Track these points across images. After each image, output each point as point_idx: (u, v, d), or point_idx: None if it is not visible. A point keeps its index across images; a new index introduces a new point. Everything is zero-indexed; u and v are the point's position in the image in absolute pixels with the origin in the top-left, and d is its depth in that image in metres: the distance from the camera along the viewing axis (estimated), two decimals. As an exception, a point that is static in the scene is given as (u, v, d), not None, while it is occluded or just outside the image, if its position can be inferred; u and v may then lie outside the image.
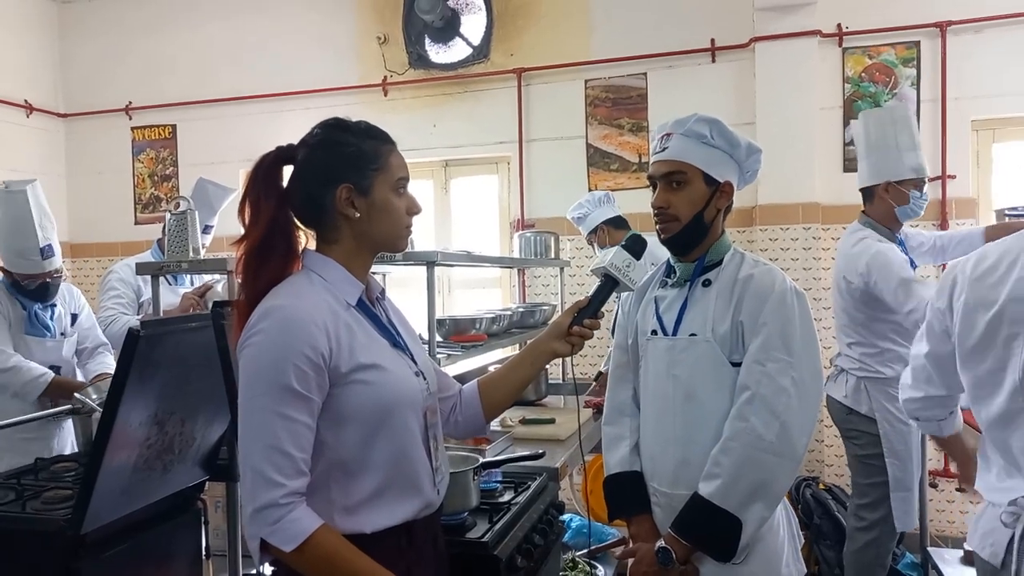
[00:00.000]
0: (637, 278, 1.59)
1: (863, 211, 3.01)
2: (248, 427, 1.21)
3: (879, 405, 2.91)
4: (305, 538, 1.17)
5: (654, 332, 1.75)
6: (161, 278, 2.71)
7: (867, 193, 2.97)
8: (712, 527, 1.57)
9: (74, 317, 2.96)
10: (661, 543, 1.63)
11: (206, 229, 3.36)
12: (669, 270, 1.80)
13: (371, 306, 1.39)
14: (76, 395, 2.31)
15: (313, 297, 1.27)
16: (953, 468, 4.03)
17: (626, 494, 1.78)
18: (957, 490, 4.09)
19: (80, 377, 2.94)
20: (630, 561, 1.72)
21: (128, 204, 5.44)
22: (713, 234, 1.73)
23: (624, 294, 1.91)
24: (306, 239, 1.38)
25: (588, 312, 1.53)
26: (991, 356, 1.50)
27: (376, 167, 1.32)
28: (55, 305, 2.87)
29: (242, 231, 1.33)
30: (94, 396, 2.27)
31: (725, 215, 1.76)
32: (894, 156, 2.83)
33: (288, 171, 1.37)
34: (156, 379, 1.71)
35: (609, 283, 1.59)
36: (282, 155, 1.36)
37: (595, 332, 1.58)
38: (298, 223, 1.36)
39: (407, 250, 1.45)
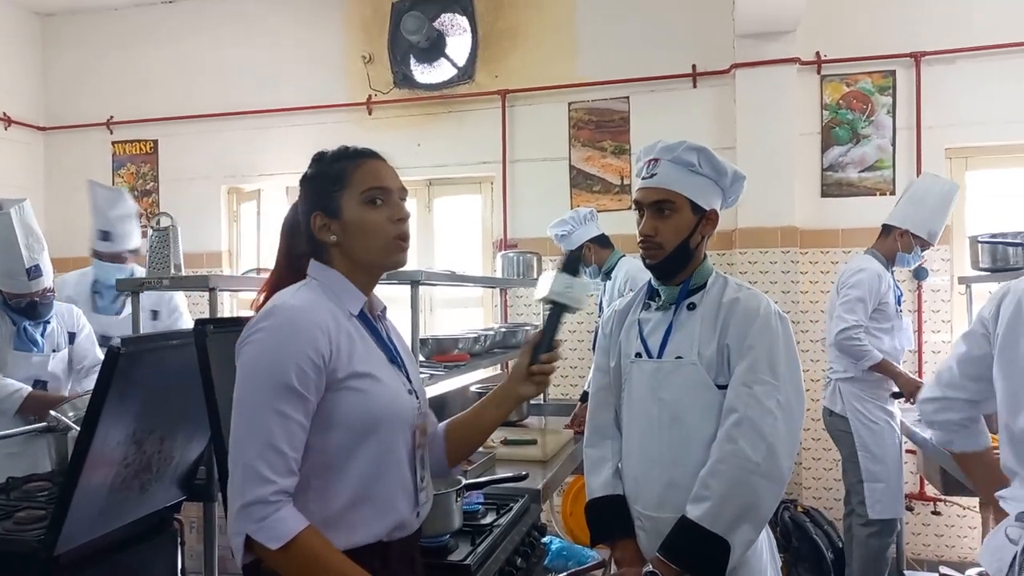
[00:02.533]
0: (580, 297, 1.53)
1: (873, 245, 3.50)
2: (244, 422, 1.21)
3: (850, 405, 3.38)
4: (291, 537, 1.17)
5: (638, 355, 1.75)
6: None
7: (886, 229, 3.46)
8: (701, 550, 1.56)
9: (72, 336, 2.96)
10: (649, 567, 1.62)
11: (105, 236, 3.42)
12: (652, 293, 1.80)
13: (373, 320, 1.40)
14: (52, 412, 2.27)
15: (316, 301, 1.30)
16: (929, 491, 4.08)
17: (609, 518, 1.77)
18: (933, 513, 4.13)
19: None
20: None
21: (107, 219, 5.38)
22: (696, 259, 1.74)
23: (606, 313, 1.93)
24: None
25: (543, 347, 1.49)
26: None
27: (339, 187, 1.34)
28: (48, 322, 2.86)
29: (221, 248, 1.38)
30: (70, 414, 2.24)
31: (708, 240, 1.78)
32: (925, 216, 3.34)
33: None
34: (136, 397, 1.69)
35: (556, 310, 1.52)
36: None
37: (567, 357, 1.58)
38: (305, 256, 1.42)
39: (392, 270, 1.45)
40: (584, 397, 3.75)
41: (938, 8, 4.16)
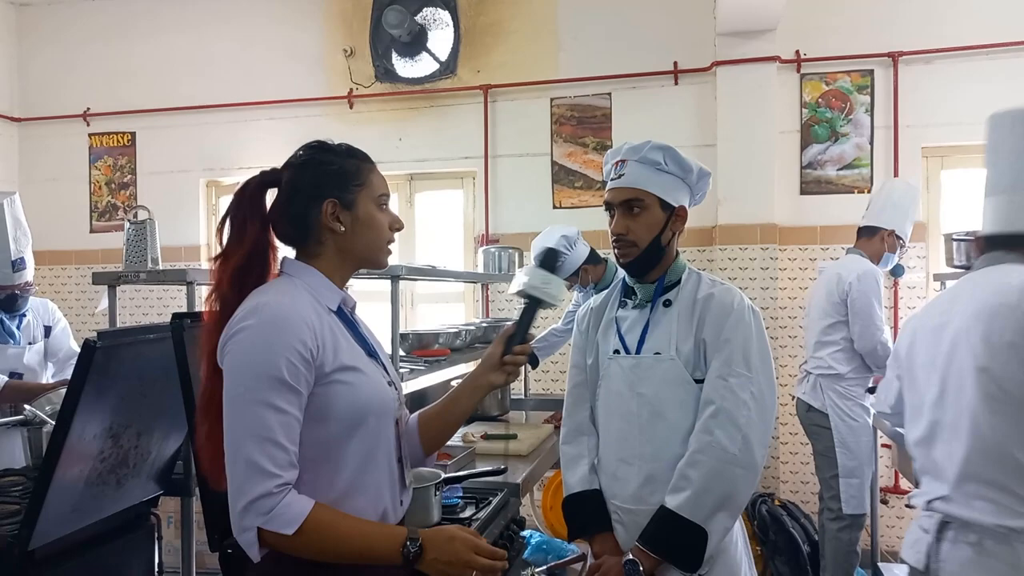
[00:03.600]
0: (557, 293, 1.56)
1: (855, 245, 3.55)
2: (238, 419, 1.21)
3: (831, 401, 3.41)
4: (304, 518, 1.19)
5: (616, 351, 1.79)
6: None
7: (871, 230, 3.51)
8: (680, 539, 1.61)
9: (48, 329, 2.96)
10: (629, 556, 1.65)
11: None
12: (627, 291, 1.84)
13: (349, 315, 1.43)
14: (27, 407, 2.25)
15: (298, 297, 1.31)
16: (903, 484, 4.14)
17: (587, 513, 1.80)
18: (907, 506, 4.20)
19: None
20: None
21: (84, 212, 5.33)
22: (669, 256, 1.78)
23: (581, 311, 1.95)
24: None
25: (517, 339, 1.53)
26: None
27: (359, 183, 1.39)
28: (25, 315, 2.87)
29: (199, 242, 1.36)
30: (47, 408, 2.22)
31: (678, 237, 1.82)
32: (905, 218, 3.51)
33: (271, 194, 1.41)
34: (112, 391, 1.68)
35: (532, 305, 1.56)
36: (266, 179, 1.40)
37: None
38: (278, 243, 1.40)
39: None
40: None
41: (916, 9, 4.21)
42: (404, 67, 4.85)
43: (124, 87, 5.23)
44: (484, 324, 3.62)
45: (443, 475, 1.88)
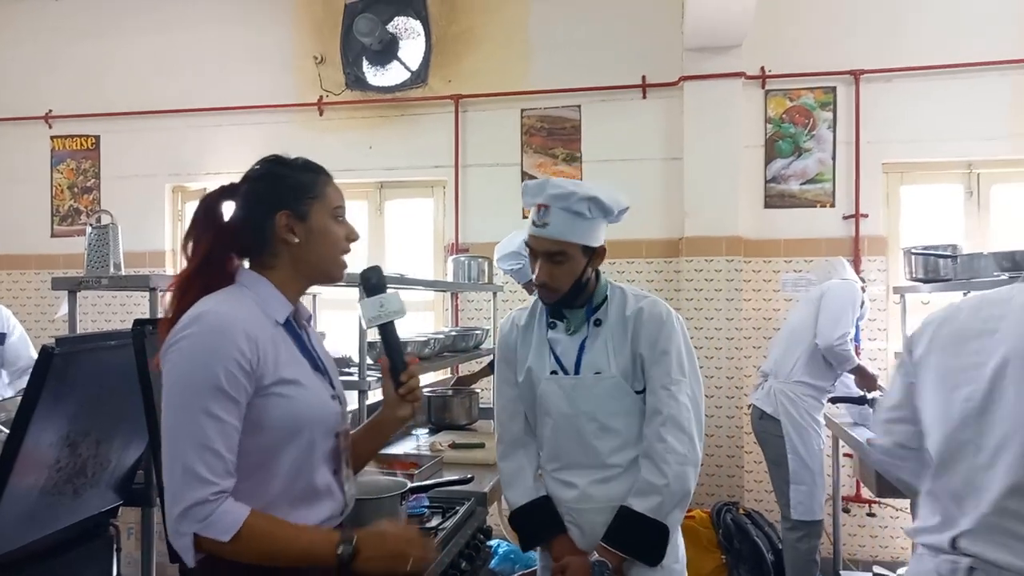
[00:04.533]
0: (397, 306, 1.51)
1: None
2: (177, 426, 1.22)
3: (783, 407, 3.46)
4: (240, 525, 1.20)
5: (554, 372, 1.86)
6: None
7: None
8: (645, 536, 1.74)
9: (3, 336, 2.92)
10: (596, 556, 1.73)
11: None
12: (554, 313, 1.88)
13: (297, 328, 1.43)
14: (-20, 415, 2.19)
15: (242, 308, 1.31)
16: (865, 493, 4.22)
17: (540, 520, 1.87)
18: (868, 515, 4.28)
19: (10, 393, 2.83)
20: None
21: (45, 216, 5.21)
22: (591, 284, 1.86)
23: (506, 326, 1.99)
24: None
25: (398, 367, 1.50)
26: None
27: (313, 195, 1.40)
28: None
29: (164, 247, 1.35)
30: (0, 415, 2.16)
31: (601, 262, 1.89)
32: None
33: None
34: (71, 398, 1.65)
35: (386, 330, 1.51)
36: (225, 192, 1.42)
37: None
38: (235, 253, 1.41)
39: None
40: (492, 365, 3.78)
41: (876, 28, 4.33)
42: (375, 75, 4.85)
43: (88, 89, 5.14)
44: (453, 333, 3.61)
45: (409, 484, 1.87)
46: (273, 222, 1.36)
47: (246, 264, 1.42)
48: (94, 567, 2.01)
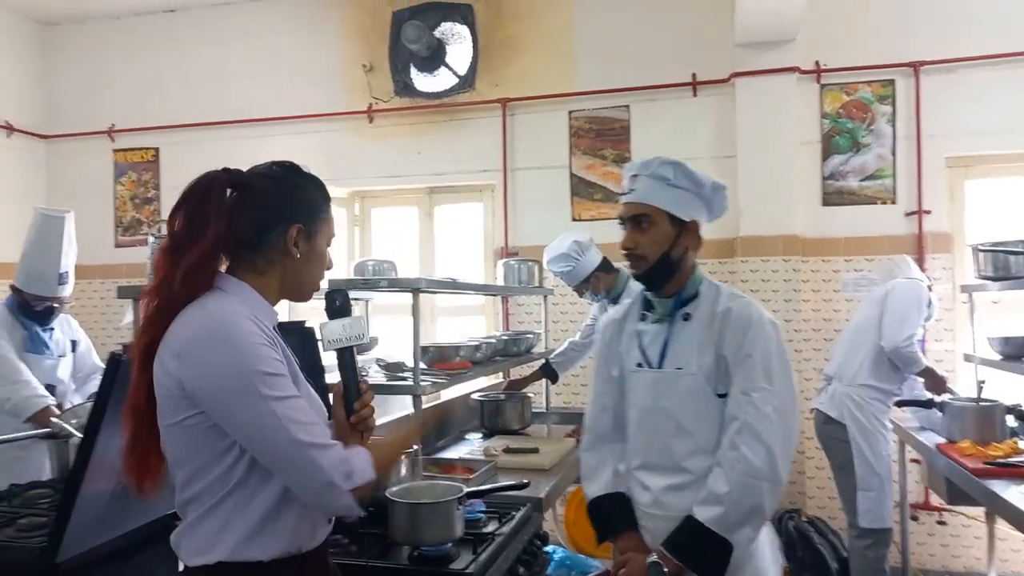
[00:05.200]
0: (359, 331, 1.44)
1: None
2: (263, 427, 1.21)
3: (848, 411, 3.37)
4: (371, 457, 1.31)
5: (639, 365, 1.81)
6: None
7: None
8: (705, 549, 1.64)
9: (74, 343, 3.04)
10: (653, 558, 1.67)
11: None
12: (646, 304, 1.86)
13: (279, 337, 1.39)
14: (53, 419, 2.27)
15: (240, 313, 1.28)
16: (934, 500, 4.06)
17: (612, 513, 1.83)
18: (938, 523, 4.12)
19: (78, 399, 2.96)
20: (621, 572, 1.74)
21: (108, 227, 5.40)
22: (685, 270, 1.79)
23: (604, 320, 1.98)
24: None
25: (351, 395, 1.42)
26: None
27: (323, 217, 1.41)
28: (53, 328, 2.94)
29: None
30: (72, 421, 2.24)
31: (696, 251, 1.82)
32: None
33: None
34: (138, 404, 1.68)
35: (344, 355, 1.44)
36: (233, 179, 1.38)
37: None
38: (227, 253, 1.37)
39: (393, 277, 1.47)
40: (546, 368, 3.79)
41: (937, 18, 4.18)
42: (423, 81, 4.88)
43: (148, 103, 5.31)
44: (504, 337, 3.61)
45: (465, 489, 1.87)
46: (284, 232, 1.34)
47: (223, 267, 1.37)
48: (161, 569, 2.05)
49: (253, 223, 1.34)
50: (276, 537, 1.29)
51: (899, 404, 3.51)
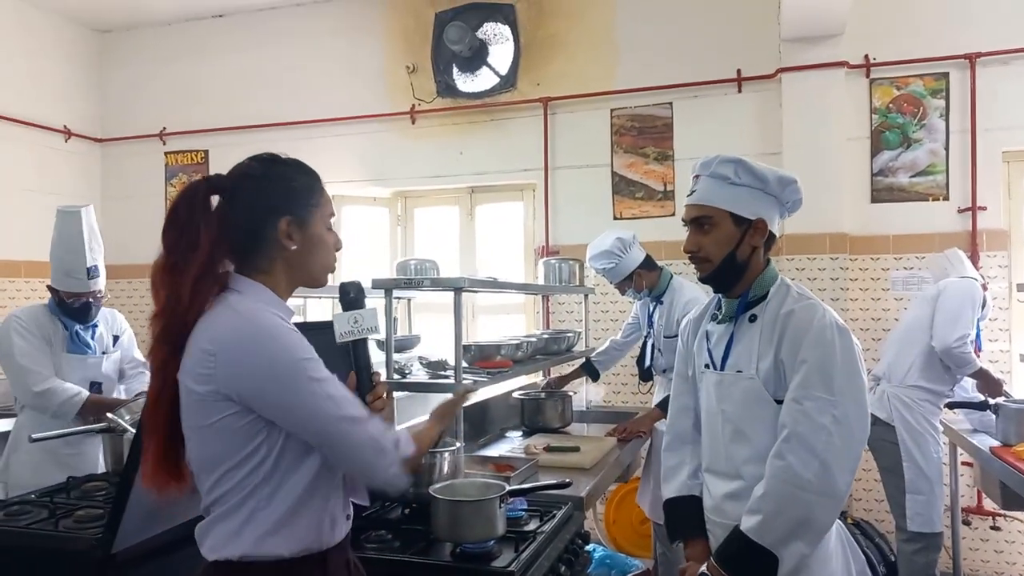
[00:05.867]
0: (371, 323, 1.43)
1: None
2: (316, 410, 1.25)
3: (897, 412, 3.30)
4: (407, 432, 1.38)
5: (707, 366, 1.79)
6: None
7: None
8: (750, 561, 1.57)
9: (115, 338, 3.05)
10: (703, 569, 1.64)
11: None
12: (718, 304, 1.82)
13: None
14: (109, 415, 2.34)
15: (271, 313, 1.30)
16: (987, 505, 3.94)
17: (683, 518, 1.83)
18: (991, 528, 3.99)
19: (122, 395, 2.99)
20: None
21: (160, 228, 5.53)
22: (754, 269, 1.72)
23: (684, 321, 1.96)
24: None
25: (364, 388, 1.41)
26: None
27: (314, 202, 1.39)
28: (96, 325, 2.95)
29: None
30: (127, 417, 2.31)
31: (768, 248, 1.75)
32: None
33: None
34: (188, 401, 1.73)
35: (356, 346, 1.43)
36: (213, 184, 1.37)
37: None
38: (227, 257, 1.37)
39: (435, 276, 1.48)
40: (587, 366, 3.80)
41: (993, 8, 4.04)
42: (464, 82, 4.91)
43: (197, 107, 5.44)
44: (545, 336, 3.61)
45: (507, 487, 1.88)
46: (275, 227, 1.33)
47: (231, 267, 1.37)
48: (208, 561, 2.11)
49: (242, 224, 1.34)
50: (298, 533, 1.30)
51: (950, 406, 3.42)
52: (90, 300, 2.84)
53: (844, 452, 1.56)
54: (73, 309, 2.83)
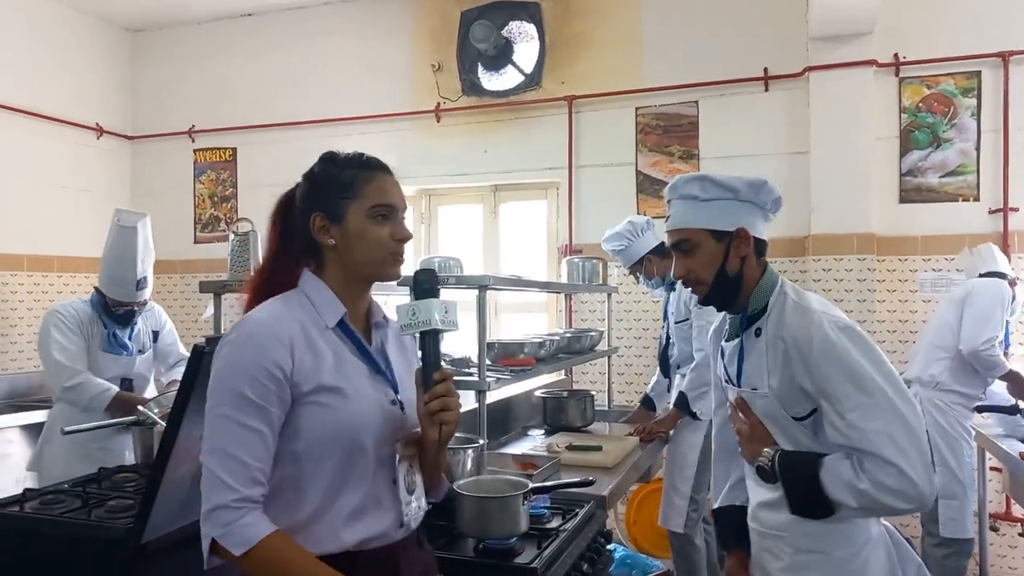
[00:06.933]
0: (426, 316, 1.32)
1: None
2: (208, 431, 1.25)
3: (931, 418, 3.26)
4: (255, 543, 1.18)
5: (726, 381, 1.77)
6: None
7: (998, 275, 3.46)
8: (803, 478, 1.53)
9: (155, 334, 3.11)
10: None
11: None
12: (727, 320, 1.80)
13: (355, 331, 1.38)
14: (140, 408, 2.39)
15: (286, 314, 1.31)
16: (1016, 511, 3.88)
17: (723, 528, 1.88)
18: (1020, 535, 3.93)
19: (157, 388, 3.07)
20: None
21: (188, 223, 5.62)
22: (749, 280, 1.67)
23: (709, 331, 1.92)
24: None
25: (427, 383, 1.32)
26: None
27: (348, 196, 1.35)
28: (135, 324, 3.01)
29: None
30: (156, 410, 2.35)
31: (762, 253, 1.70)
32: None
33: None
34: (218, 394, 1.76)
35: (428, 338, 1.34)
36: (291, 192, 1.44)
37: (631, 364, 1.56)
38: (296, 256, 1.41)
39: (460, 274, 1.48)
40: (644, 401, 3.72)
41: (1028, 5, 3.97)
42: (490, 80, 4.92)
43: (226, 105, 5.51)
44: (568, 334, 3.61)
45: (531, 484, 1.89)
46: (312, 225, 1.35)
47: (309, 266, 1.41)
48: (236, 553, 2.14)
49: (295, 225, 1.39)
50: (319, 541, 1.28)
51: (979, 410, 3.37)
52: (134, 308, 2.90)
53: (909, 439, 1.44)
54: (116, 314, 2.90)
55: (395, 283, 1.52)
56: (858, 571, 1.57)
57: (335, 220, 1.35)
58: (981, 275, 3.46)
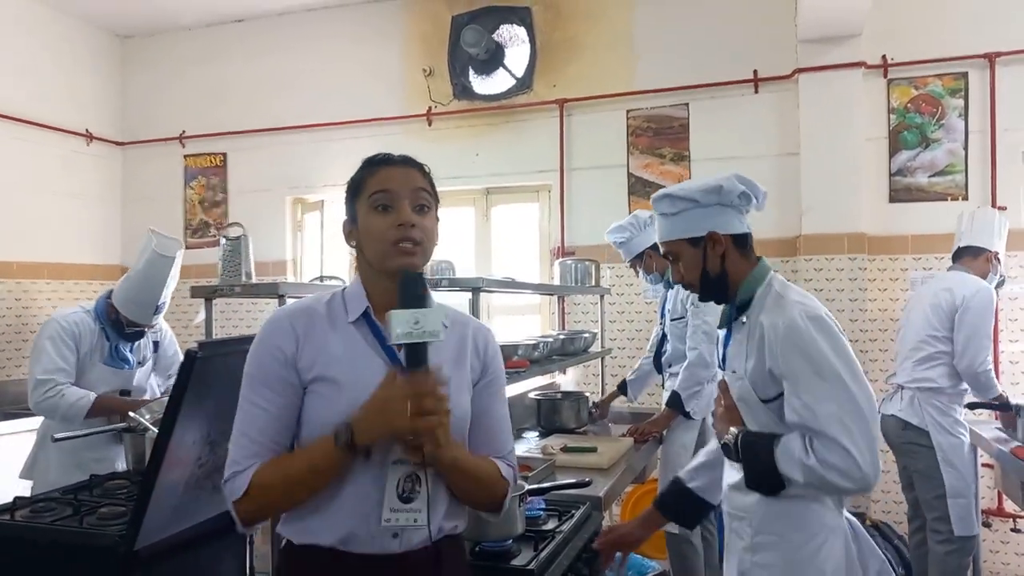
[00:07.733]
0: (433, 327, 1.21)
1: (960, 263, 3.47)
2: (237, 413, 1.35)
3: (931, 418, 3.27)
4: (248, 481, 1.27)
5: (720, 366, 1.92)
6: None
7: (976, 251, 3.44)
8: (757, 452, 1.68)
9: (156, 344, 3.06)
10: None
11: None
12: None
13: (380, 324, 1.34)
14: (131, 414, 2.37)
15: (309, 306, 1.38)
16: (1008, 507, 3.90)
17: (662, 491, 2.08)
18: (1012, 530, 3.95)
19: (157, 394, 3.03)
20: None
21: (178, 229, 5.60)
22: (735, 276, 1.79)
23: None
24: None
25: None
26: None
27: (356, 194, 1.37)
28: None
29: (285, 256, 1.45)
30: (147, 416, 2.33)
31: (745, 247, 1.81)
32: (1002, 242, 3.51)
33: None
34: (210, 399, 1.75)
35: (414, 350, 1.22)
36: None
37: (624, 365, 1.57)
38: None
39: (452, 277, 1.48)
40: (620, 385, 3.78)
41: (1014, 7, 4.01)
42: (481, 84, 4.92)
43: (216, 110, 5.49)
44: (562, 336, 3.62)
45: (526, 486, 1.88)
46: (342, 231, 1.43)
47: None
48: (231, 558, 2.13)
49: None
50: (307, 532, 1.30)
51: (971, 406, 3.39)
52: (145, 329, 2.88)
53: (859, 427, 1.55)
54: (125, 331, 2.85)
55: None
56: (811, 555, 1.66)
57: (353, 222, 1.39)
58: (961, 248, 3.46)
